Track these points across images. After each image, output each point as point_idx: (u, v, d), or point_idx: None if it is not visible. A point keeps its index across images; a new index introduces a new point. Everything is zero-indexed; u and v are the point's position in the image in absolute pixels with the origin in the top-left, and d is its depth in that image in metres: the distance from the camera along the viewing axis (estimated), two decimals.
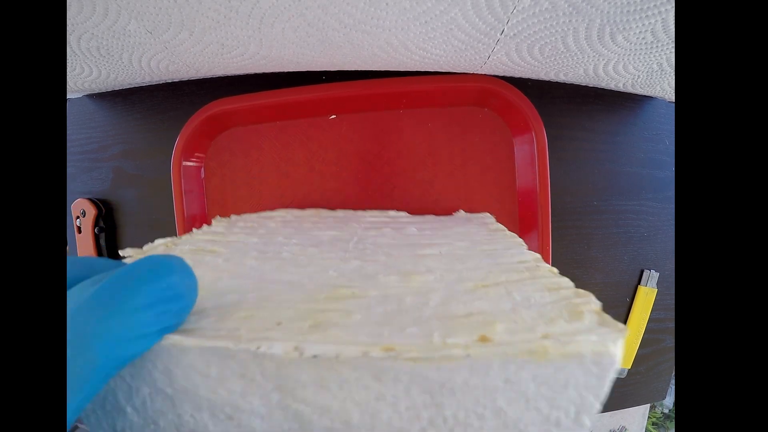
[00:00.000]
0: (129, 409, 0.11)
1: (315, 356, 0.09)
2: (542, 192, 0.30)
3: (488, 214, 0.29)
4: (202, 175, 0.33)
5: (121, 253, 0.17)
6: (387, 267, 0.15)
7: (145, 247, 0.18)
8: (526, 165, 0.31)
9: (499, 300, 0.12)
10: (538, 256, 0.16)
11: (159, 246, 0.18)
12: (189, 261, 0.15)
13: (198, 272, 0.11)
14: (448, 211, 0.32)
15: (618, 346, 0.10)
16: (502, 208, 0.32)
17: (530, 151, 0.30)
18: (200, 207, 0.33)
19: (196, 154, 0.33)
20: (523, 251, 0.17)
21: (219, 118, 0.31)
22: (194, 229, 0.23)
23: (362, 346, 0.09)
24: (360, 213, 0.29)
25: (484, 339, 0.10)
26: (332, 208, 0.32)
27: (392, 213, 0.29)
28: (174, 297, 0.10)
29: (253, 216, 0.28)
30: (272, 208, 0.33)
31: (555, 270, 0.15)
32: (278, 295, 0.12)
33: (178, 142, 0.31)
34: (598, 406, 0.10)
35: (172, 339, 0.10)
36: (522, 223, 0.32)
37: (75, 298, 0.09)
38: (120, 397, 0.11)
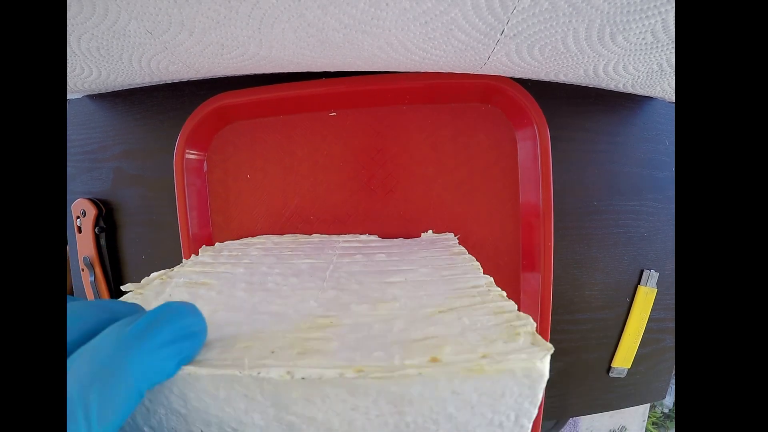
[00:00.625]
0: (146, 429, 0.13)
1: (303, 378, 0.11)
2: (545, 190, 0.30)
3: (452, 235, 0.31)
4: (205, 169, 0.33)
5: (122, 288, 0.19)
6: (359, 296, 0.18)
7: (143, 281, 0.20)
8: (528, 162, 0.31)
9: (451, 324, 0.14)
10: (491, 279, 0.19)
11: (155, 278, 0.21)
12: (186, 296, 0.19)
13: (198, 306, 0.13)
14: (451, 208, 0.32)
15: (544, 363, 0.12)
16: (504, 206, 0.32)
17: (533, 148, 0.30)
18: (202, 201, 0.33)
19: (198, 148, 0.33)
20: (479, 275, 0.20)
21: (223, 111, 0.31)
22: (184, 260, 0.24)
23: (339, 369, 0.11)
24: (334, 238, 0.32)
25: (434, 360, 0.12)
26: (335, 203, 0.33)
27: (363, 237, 0.32)
28: (189, 335, 0.12)
29: (236, 243, 0.30)
30: (275, 202, 0.33)
31: (504, 293, 0.17)
32: (269, 327, 0.15)
33: (181, 135, 0.31)
34: (535, 411, 0.12)
35: (188, 369, 0.12)
36: (524, 221, 0.32)
37: (113, 335, 0.11)
38: (138, 418, 0.13)
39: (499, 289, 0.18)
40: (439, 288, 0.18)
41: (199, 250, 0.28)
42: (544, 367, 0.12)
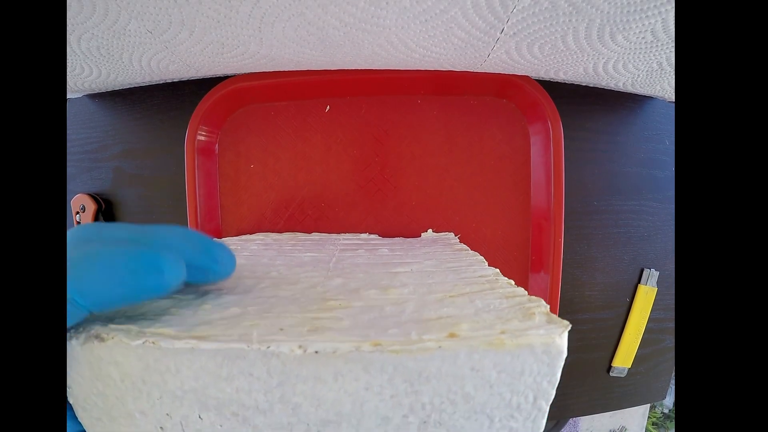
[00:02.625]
0: (137, 414, 0.12)
1: (316, 352, 0.11)
2: (557, 188, 0.30)
3: (452, 234, 0.32)
4: (216, 150, 0.33)
5: None
6: (366, 282, 0.17)
7: None
8: (540, 158, 0.31)
9: (463, 306, 0.14)
10: (497, 270, 0.19)
11: None
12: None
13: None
14: (462, 200, 0.33)
15: (563, 338, 0.11)
16: (515, 201, 0.32)
17: (546, 144, 0.31)
18: (212, 182, 0.33)
19: (211, 129, 0.32)
20: (484, 267, 0.19)
21: (238, 93, 0.31)
22: None
23: (355, 343, 0.11)
24: (334, 236, 0.31)
25: (452, 335, 0.11)
26: (347, 190, 0.33)
27: (364, 236, 0.32)
28: (211, 255, 0.14)
29: (235, 239, 0.30)
30: (286, 187, 0.33)
31: (512, 282, 0.17)
32: (277, 308, 0.14)
33: (194, 115, 0.31)
34: (553, 392, 0.12)
35: (191, 343, 0.11)
36: (535, 217, 0.32)
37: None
38: (129, 402, 0.12)
39: (507, 278, 0.17)
40: (446, 277, 0.18)
41: None
42: (563, 343, 0.11)
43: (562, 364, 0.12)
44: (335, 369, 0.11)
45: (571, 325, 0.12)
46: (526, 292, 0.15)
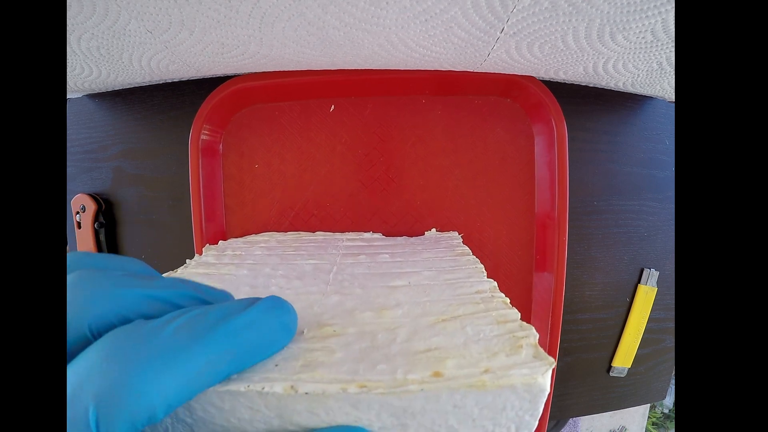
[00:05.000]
0: None
1: (306, 393, 0.12)
2: (561, 188, 0.30)
3: (456, 233, 0.32)
4: (221, 150, 0.33)
5: None
6: (363, 301, 0.18)
7: None
8: (544, 158, 0.31)
9: (454, 334, 0.15)
10: (494, 284, 0.19)
11: None
12: None
13: None
14: (466, 200, 0.33)
15: (546, 377, 0.12)
16: (520, 198, 0.33)
17: (549, 143, 0.31)
18: (216, 182, 0.33)
19: (214, 129, 0.32)
20: (482, 279, 0.20)
21: (241, 93, 0.31)
22: (187, 261, 0.24)
23: (342, 384, 0.12)
24: (338, 236, 0.32)
25: (436, 374, 0.12)
26: (352, 191, 0.33)
27: (367, 236, 0.32)
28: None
29: (240, 242, 0.30)
30: (291, 187, 0.33)
31: (507, 300, 0.17)
32: None
33: (198, 115, 0.31)
34: (535, 423, 0.13)
35: None
36: (539, 217, 0.32)
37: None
38: (146, 429, 0.13)
39: (503, 294, 0.18)
40: (442, 293, 0.18)
41: (203, 249, 0.28)
42: (546, 381, 0.12)
43: (544, 399, 0.12)
44: (326, 405, 0.12)
45: (555, 363, 0.12)
46: (519, 315, 0.16)
